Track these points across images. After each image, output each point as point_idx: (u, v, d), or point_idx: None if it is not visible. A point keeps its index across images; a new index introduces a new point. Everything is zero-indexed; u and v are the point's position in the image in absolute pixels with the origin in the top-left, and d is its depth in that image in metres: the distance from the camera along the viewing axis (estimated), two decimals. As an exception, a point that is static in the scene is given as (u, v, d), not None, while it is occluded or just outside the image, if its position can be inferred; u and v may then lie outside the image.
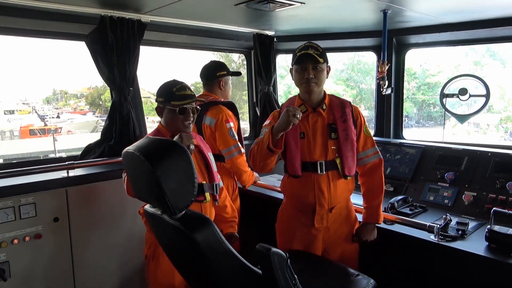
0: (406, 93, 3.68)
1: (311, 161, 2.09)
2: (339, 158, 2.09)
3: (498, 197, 2.40)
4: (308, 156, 2.09)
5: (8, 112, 14.00)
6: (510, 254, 1.79)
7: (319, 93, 2.12)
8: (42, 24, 2.56)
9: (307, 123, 2.11)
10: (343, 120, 2.11)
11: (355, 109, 2.17)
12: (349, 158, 2.10)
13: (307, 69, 2.02)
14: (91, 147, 2.86)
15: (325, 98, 2.14)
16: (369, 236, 2.16)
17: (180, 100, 2.03)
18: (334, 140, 2.09)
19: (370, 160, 2.19)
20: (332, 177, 2.10)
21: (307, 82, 2.04)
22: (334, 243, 2.16)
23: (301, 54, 2.02)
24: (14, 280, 2.29)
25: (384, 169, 2.16)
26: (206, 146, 2.26)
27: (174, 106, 2.02)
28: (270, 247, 1.20)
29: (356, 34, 3.46)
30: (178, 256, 1.62)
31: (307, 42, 2.08)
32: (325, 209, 2.10)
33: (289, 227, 2.21)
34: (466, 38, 3.19)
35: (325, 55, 2.06)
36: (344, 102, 2.17)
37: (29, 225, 2.33)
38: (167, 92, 2.05)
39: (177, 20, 2.92)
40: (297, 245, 2.17)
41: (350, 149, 2.10)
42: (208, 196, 2.14)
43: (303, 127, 2.11)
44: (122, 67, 2.72)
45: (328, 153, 2.09)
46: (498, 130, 7.68)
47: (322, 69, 2.05)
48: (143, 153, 1.32)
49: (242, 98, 5.55)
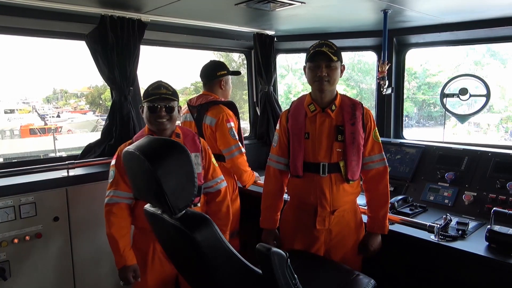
0: (406, 93, 3.68)
1: (314, 162, 2.07)
2: (343, 161, 2.05)
3: (498, 197, 2.40)
4: (312, 157, 2.07)
5: (9, 111, 14.01)
6: (510, 254, 1.79)
7: (331, 92, 2.09)
8: (43, 24, 2.56)
9: (314, 123, 2.08)
10: (352, 123, 2.06)
11: (367, 112, 2.11)
12: (353, 162, 2.06)
13: (320, 67, 2.00)
14: (91, 146, 2.86)
15: (336, 99, 2.10)
16: (374, 245, 2.12)
17: (149, 97, 2.06)
18: (340, 142, 2.05)
19: (375, 166, 2.13)
20: (335, 179, 2.06)
21: (319, 80, 2.02)
22: (336, 246, 2.14)
23: (314, 51, 2.00)
24: (14, 279, 2.29)
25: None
26: (194, 146, 2.20)
27: (146, 104, 2.08)
28: (270, 247, 1.20)
29: (357, 34, 3.45)
30: (178, 255, 1.62)
31: (322, 39, 2.06)
32: (327, 211, 2.08)
33: (291, 227, 2.21)
34: (466, 38, 3.19)
35: (339, 53, 2.03)
36: (355, 104, 2.11)
37: (29, 224, 2.33)
38: (144, 92, 2.12)
39: (177, 20, 2.92)
40: (298, 245, 2.17)
41: (356, 153, 2.06)
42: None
43: (309, 127, 2.09)
44: (122, 66, 2.72)
45: (333, 155, 2.06)
46: (499, 130, 7.67)
47: (336, 67, 2.02)
48: (143, 153, 1.33)
49: (242, 97, 5.55)
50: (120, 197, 2.04)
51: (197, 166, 2.19)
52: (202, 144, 2.27)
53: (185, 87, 9.95)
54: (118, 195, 2.04)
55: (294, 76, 9.22)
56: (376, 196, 2.14)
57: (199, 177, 2.21)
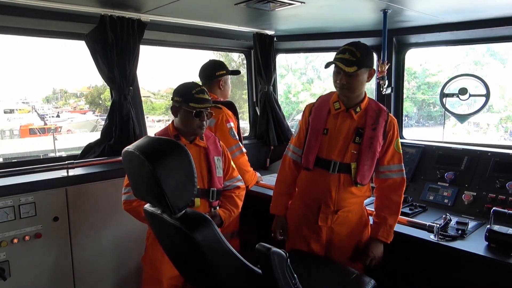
0: (406, 93, 3.68)
1: (327, 159, 2.07)
2: (356, 163, 2.05)
3: (498, 196, 2.40)
4: (326, 153, 2.08)
5: (8, 111, 14.00)
6: (510, 254, 1.79)
7: (356, 97, 2.06)
8: (42, 23, 2.55)
9: (335, 120, 2.09)
10: (373, 128, 2.04)
11: (391, 121, 2.08)
12: (366, 167, 2.04)
13: (340, 74, 1.97)
14: (91, 146, 2.86)
15: (363, 101, 2.08)
16: (375, 252, 2.07)
17: (198, 102, 2.05)
18: (357, 144, 2.05)
19: (393, 176, 2.10)
20: (343, 180, 2.06)
21: (340, 87, 2.01)
22: (337, 245, 2.14)
23: (336, 57, 1.97)
24: (14, 279, 2.29)
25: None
26: (216, 150, 2.24)
27: (191, 108, 2.04)
28: (270, 247, 1.21)
29: (356, 34, 3.45)
30: (178, 255, 1.62)
31: (349, 44, 1.99)
32: (330, 209, 2.08)
33: (296, 218, 2.23)
34: (466, 38, 3.19)
35: (363, 59, 1.94)
36: (381, 110, 2.08)
37: (29, 224, 2.33)
38: (186, 93, 2.07)
39: (177, 20, 2.92)
40: (300, 240, 2.18)
41: (370, 158, 2.04)
42: (198, 201, 2.13)
43: (329, 124, 2.09)
44: (122, 66, 2.72)
45: (347, 155, 2.05)
46: (498, 129, 7.67)
47: (356, 75, 1.95)
48: (143, 153, 1.32)
49: (242, 97, 5.55)
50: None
51: (218, 170, 2.21)
52: (222, 147, 2.30)
53: (184, 87, 9.93)
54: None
55: (293, 76, 9.22)
56: (388, 204, 2.10)
57: (220, 181, 2.22)
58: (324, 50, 4.01)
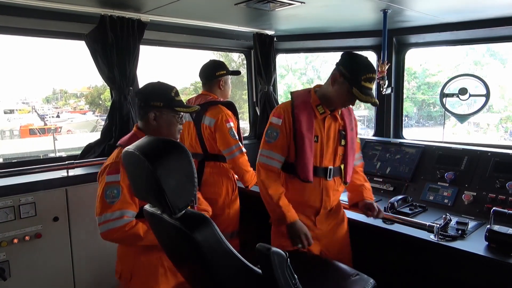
0: (406, 93, 3.68)
1: (322, 167, 2.06)
2: (343, 164, 2.10)
3: (498, 196, 2.40)
4: (319, 161, 2.06)
5: (8, 112, 14.00)
6: (510, 254, 1.79)
7: None
8: (42, 24, 2.56)
9: (322, 126, 2.04)
10: (351, 128, 2.11)
11: (354, 115, 2.17)
12: (350, 165, 2.13)
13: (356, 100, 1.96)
14: (91, 146, 2.86)
15: None
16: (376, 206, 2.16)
17: (183, 106, 1.93)
18: (343, 147, 2.09)
19: (358, 163, 2.27)
20: (337, 183, 2.12)
21: (348, 105, 2.03)
22: (330, 242, 2.17)
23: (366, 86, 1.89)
24: (14, 279, 2.29)
25: (384, 169, 2.18)
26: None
27: (176, 112, 1.91)
28: (270, 247, 1.20)
29: (356, 34, 3.46)
30: (178, 256, 1.62)
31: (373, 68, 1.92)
32: (327, 211, 2.15)
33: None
34: (466, 38, 3.19)
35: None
36: (350, 109, 2.13)
37: (29, 224, 2.33)
38: (165, 96, 1.91)
39: (177, 20, 2.92)
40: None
41: (352, 156, 2.13)
42: None
43: (317, 130, 2.03)
44: (122, 66, 2.72)
45: (336, 159, 2.08)
46: (498, 129, 7.68)
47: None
48: (143, 153, 1.32)
49: (242, 97, 5.55)
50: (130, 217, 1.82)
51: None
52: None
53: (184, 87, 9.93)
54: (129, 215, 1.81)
55: (293, 76, 9.23)
56: (359, 177, 2.27)
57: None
58: (324, 50, 4.02)
